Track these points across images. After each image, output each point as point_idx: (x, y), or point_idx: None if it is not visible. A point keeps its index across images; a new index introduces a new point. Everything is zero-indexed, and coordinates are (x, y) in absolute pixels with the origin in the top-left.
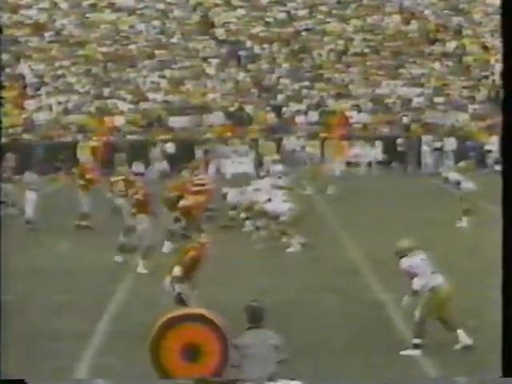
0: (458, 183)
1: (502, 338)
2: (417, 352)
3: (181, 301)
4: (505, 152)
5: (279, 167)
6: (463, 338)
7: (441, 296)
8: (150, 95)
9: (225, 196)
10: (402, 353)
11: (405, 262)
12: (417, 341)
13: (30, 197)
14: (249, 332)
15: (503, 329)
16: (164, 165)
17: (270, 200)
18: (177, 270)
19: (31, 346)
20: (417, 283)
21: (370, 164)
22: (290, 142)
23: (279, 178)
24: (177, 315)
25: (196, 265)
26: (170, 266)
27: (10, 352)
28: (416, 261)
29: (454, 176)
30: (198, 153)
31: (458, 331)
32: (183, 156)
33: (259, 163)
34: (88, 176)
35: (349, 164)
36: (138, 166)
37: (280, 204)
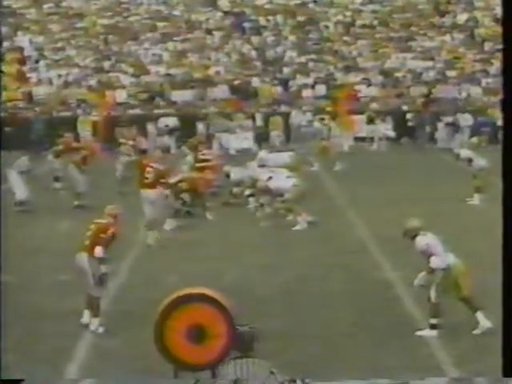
0: (470, 160)
1: (502, 338)
2: (433, 333)
3: (104, 281)
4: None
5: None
6: (483, 320)
7: (455, 274)
8: (152, 68)
9: (228, 174)
10: (418, 333)
11: (422, 241)
12: (434, 321)
13: (16, 178)
14: (234, 363)
15: (503, 329)
16: (166, 140)
17: (272, 177)
18: (99, 251)
19: (31, 326)
20: (435, 261)
21: (379, 139)
22: (297, 117)
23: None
24: (183, 295)
25: (113, 241)
26: (81, 242)
27: (10, 333)
28: (431, 239)
29: (465, 153)
30: (201, 128)
31: (478, 314)
32: (186, 131)
33: (263, 138)
34: (83, 152)
35: (357, 139)
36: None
37: (283, 181)
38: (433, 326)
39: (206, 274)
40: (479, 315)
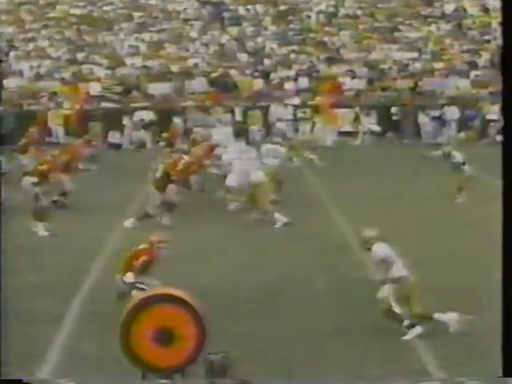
0: (464, 164)
1: (502, 338)
2: (418, 329)
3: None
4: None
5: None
6: (449, 320)
7: (407, 287)
8: (128, 60)
9: (219, 157)
10: (404, 338)
11: (380, 250)
12: (407, 322)
13: None
14: None
15: (503, 328)
16: (142, 134)
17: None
18: (129, 277)
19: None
20: (396, 270)
21: (363, 134)
22: (277, 111)
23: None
24: (148, 296)
25: (148, 268)
26: (120, 264)
27: None
28: (387, 248)
29: (458, 156)
30: (178, 122)
31: (436, 316)
32: (162, 125)
33: (242, 133)
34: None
35: (341, 134)
36: (114, 136)
37: (238, 176)
38: (411, 325)
39: (181, 274)
40: (439, 316)
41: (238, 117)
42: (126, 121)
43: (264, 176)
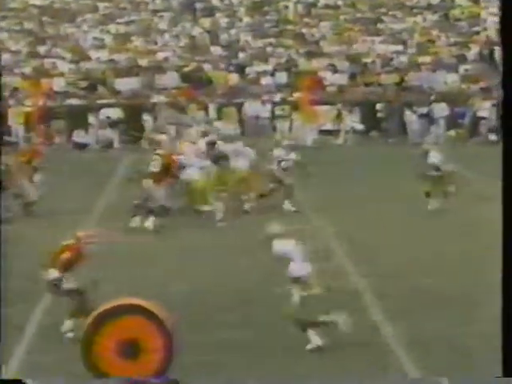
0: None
1: (502, 338)
2: (317, 339)
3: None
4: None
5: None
6: (314, 338)
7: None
8: (93, 54)
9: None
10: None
11: (279, 246)
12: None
13: None
14: None
15: (503, 328)
16: (108, 133)
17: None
18: (51, 273)
19: None
20: (294, 268)
21: (346, 132)
22: (251, 108)
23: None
24: (112, 307)
25: (73, 264)
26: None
27: None
28: (291, 246)
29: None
30: (148, 119)
31: (308, 332)
32: (131, 123)
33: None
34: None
35: (322, 132)
36: (79, 135)
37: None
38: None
39: (150, 281)
40: (310, 333)
41: (213, 114)
42: (91, 118)
43: (201, 175)
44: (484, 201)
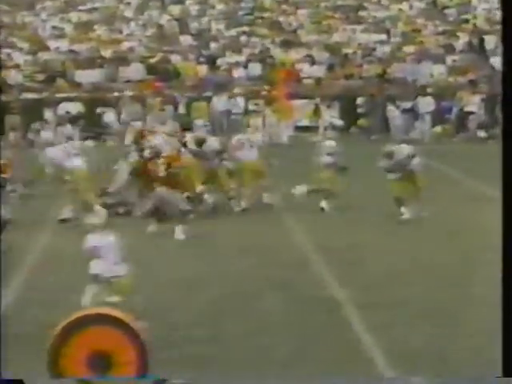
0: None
1: (502, 338)
2: None
3: None
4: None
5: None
6: None
7: (116, 288)
8: (52, 44)
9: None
10: None
11: (91, 239)
12: None
13: None
14: None
15: (503, 328)
16: (68, 129)
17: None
18: None
19: None
20: (96, 266)
21: (324, 129)
22: (221, 102)
23: None
24: (81, 317)
25: None
26: None
27: None
28: (106, 242)
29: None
30: (110, 116)
31: None
32: (92, 118)
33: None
34: None
35: (298, 129)
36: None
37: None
38: None
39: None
40: None
41: (181, 109)
42: (49, 114)
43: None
44: (471, 203)
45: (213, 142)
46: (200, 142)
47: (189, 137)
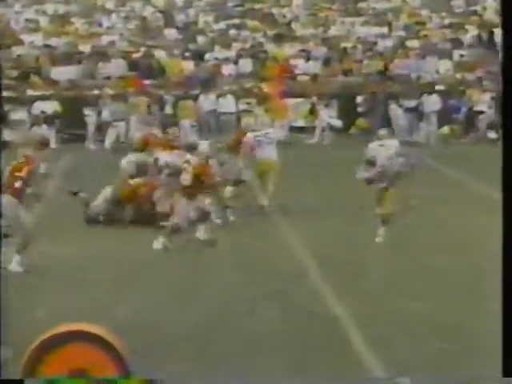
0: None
1: (502, 338)
2: None
3: None
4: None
5: None
6: None
7: None
8: (26, 38)
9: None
10: None
11: None
12: None
13: None
14: None
15: (503, 328)
16: (44, 130)
17: None
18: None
19: None
20: None
21: (321, 130)
22: (207, 101)
23: None
24: (59, 333)
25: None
26: None
27: None
28: None
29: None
30: (90, 114)
31: None
32: (70, 118)
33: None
34: None
35: (293, 129)
36: (7, 133)
37: None
38: None
39: (89, 306)
40: None
41: (168, 109)
42: (22, 114)
43: None
44: (476, 208)
45: (204, 148)
46: (190, 148)
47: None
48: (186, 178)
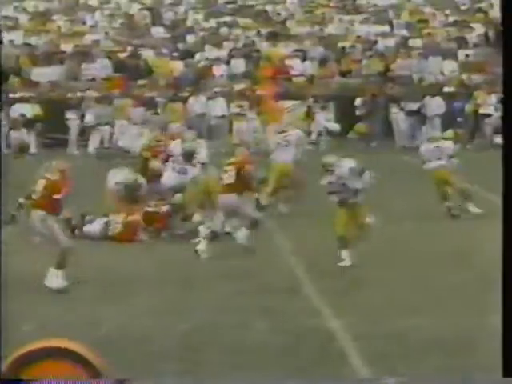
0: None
1: (502, 338)
2: None
3: None
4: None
5: None
6: None
7: None
8: (4, 36)
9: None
10: None
11: None
12: None
13: None
14: None
15: (503, 328)
16: (23, 135)
17: None
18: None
19: None
20: None
21: (318, 134)
22: (197, 104)
23: None
24: (35, 349)
25: None
26: None
27: None
28: None
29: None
30: (72, 117)
31: None
32: (51, 122)
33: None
34: None
35: None
36: None
37: None
38: None
39: (77, 320)
40: None
41: (160, 112)
42: (0, 116)
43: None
44: (480, 220)
45: (203, 155)
46: (188, 155)
47: (174, 147)
48: (230, 175)
